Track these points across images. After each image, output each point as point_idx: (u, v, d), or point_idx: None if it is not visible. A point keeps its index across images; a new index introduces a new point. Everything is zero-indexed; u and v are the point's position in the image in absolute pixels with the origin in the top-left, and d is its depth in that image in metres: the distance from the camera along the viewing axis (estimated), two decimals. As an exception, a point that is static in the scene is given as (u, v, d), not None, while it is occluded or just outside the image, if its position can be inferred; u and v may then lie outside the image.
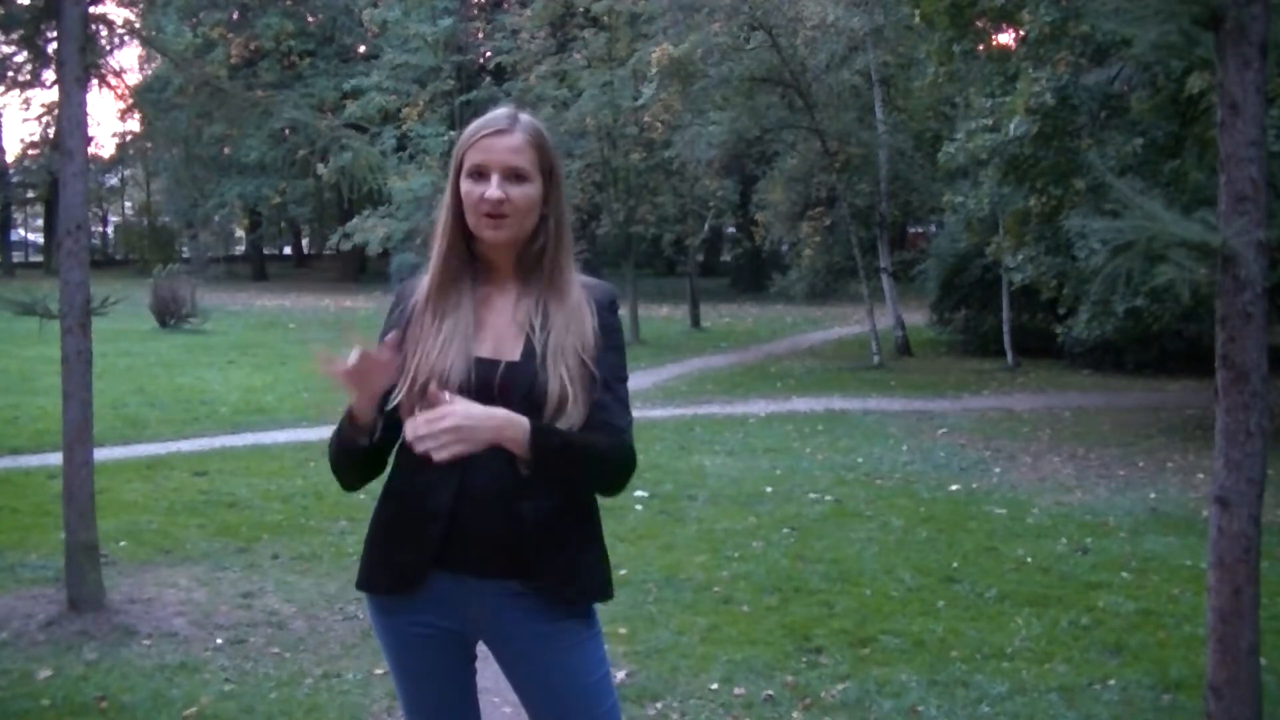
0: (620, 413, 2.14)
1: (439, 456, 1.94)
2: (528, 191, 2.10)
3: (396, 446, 2.16)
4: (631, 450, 2.15)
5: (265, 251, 44.35)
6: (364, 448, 2.11)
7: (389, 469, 2.21)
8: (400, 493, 2.16)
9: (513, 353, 2.11)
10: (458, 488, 2.08)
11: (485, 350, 2.12)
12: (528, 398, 2.06)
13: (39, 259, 45.41)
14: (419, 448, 1.93)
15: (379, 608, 2.21)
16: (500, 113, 2.15)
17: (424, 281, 2.17)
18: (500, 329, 2.14)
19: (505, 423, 1.99)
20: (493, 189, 2.07)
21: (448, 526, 2.09)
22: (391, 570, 2.15)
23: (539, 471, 2.03)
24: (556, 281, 2.15)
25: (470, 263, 2.16)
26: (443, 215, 2.16)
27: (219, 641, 4.87)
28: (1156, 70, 9.89)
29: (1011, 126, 10.18)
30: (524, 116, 2.14)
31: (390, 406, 2.09)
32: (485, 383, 2.07)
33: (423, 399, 2.02)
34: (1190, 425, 10.87)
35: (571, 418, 2.07)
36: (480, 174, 2.09)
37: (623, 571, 5.85)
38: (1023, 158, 10.43)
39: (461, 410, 1.96)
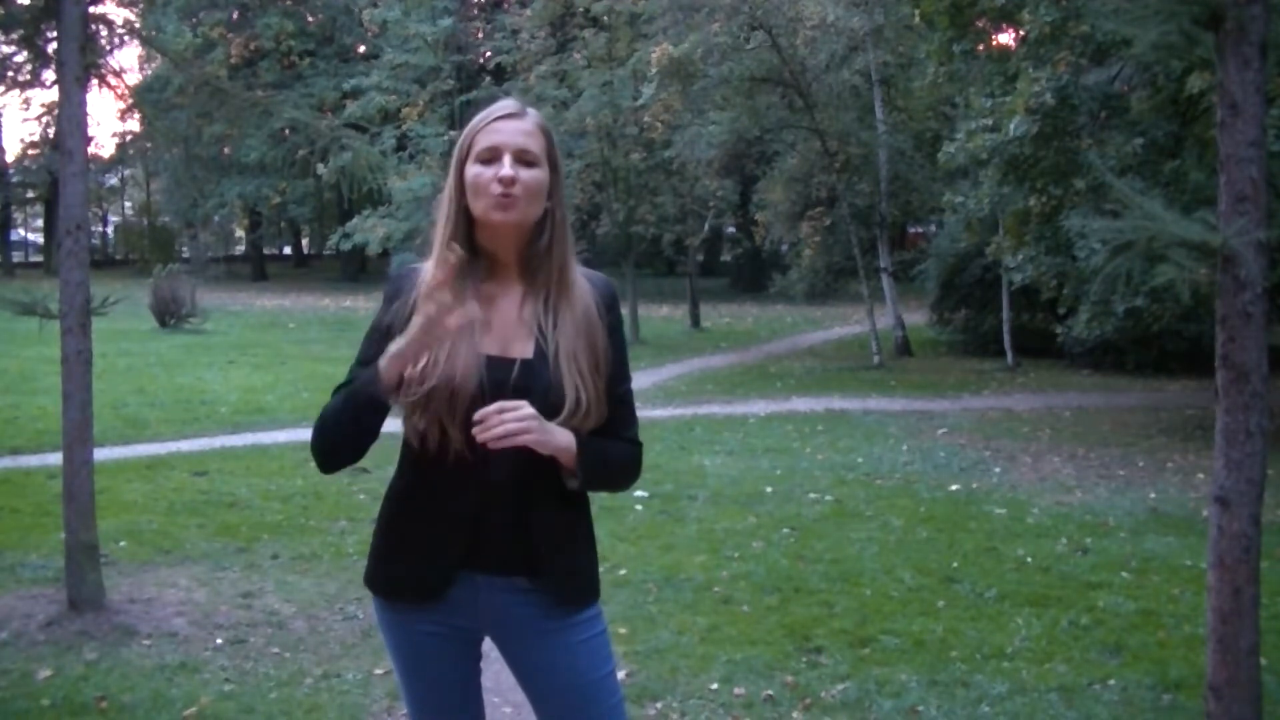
0: (632, 422, 2.20)
1: (500, 443, 1.95)
2: (538, 175, 2.09)
3: (403, 447, 2.15)
4: (641, 459, 2.23)
5: (265, 251, 44.35)
6: (381, 407, 2.04)
7: (396, 470, 2.19)
8: (417, 497, 2.14)
9: (524, 351, 2.10)
10: (479, 490, 2.08)
11: (493, 349, 2.09)
12: (545, 398, 2.04)
13: (39, 259, 45.41)
14: (486, 434, 1.94)
15: (392, 609, 2.18)
16: (508, 100, 2.18)
17: (424, 276, 2.10)
18: (506, 327, 2.12)
19: (570, 438, 2.04)
20: (505, 168, 2.06)
21: (473, 531, 2.09)
22: (415, 578, 2.13)
23: (584, 485, 2.10)
24: (562, 281, 2.13)
25: (473, 258, 2.12)
26: (445, 207, 2.14)
27: (219, 641, 4.87)
28: (1156, 70, 9.89)
29: (1011, 126, 10.18)
30: (529, 108, 2.16)
31: (408, 399, 2.05)
32: (499, 381, 2.05)
33: (450, 402, 2.03)
34: (1190, 425, 10.86)
35: (589, 422, 2.09)
36: (492, 157, 2.08)
37: (622, 571, 5.85)
38: (1023, 158, 10.43)
39: (533, 410, 2.00)
